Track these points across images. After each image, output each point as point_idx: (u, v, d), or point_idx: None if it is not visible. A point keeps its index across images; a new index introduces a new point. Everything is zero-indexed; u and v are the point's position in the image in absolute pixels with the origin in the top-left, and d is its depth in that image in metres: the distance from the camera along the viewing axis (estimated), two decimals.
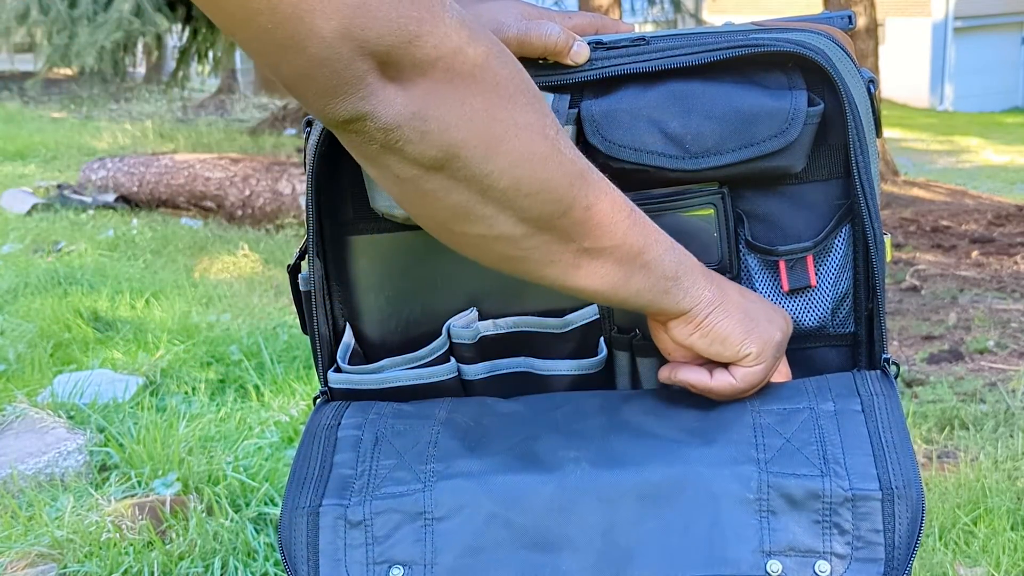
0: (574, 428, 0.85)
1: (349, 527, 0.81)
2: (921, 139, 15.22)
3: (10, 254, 5.44)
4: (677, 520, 0.78)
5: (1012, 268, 5.57)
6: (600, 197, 0.77)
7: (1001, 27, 21.75)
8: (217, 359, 3.64)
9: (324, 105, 0.67)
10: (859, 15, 8.23)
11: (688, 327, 0.83)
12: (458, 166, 0.70)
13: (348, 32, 0.64)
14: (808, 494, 0.78)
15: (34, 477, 2.61)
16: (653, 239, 0.80)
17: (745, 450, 0.81)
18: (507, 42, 0.88)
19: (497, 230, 0.75)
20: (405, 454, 0.84)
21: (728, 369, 0.84)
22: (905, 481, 0.78)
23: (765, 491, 0.78)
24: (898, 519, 0.77)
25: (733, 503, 0.78)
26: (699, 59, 0.87)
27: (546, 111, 0.75)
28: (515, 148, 0.71)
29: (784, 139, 0.87)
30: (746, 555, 0.77)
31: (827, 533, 0.78)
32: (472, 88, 0.69)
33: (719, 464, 0.80)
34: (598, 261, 0.79)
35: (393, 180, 0.72)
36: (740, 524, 0.78)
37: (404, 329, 0.97)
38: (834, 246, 0.91)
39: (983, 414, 3.19)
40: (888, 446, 0.80)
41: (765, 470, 0.79)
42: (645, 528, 0.79)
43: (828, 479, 0.78)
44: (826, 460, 0.79)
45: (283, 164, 7.06)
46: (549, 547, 0.79)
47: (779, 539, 0.78)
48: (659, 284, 0.81)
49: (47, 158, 9.30)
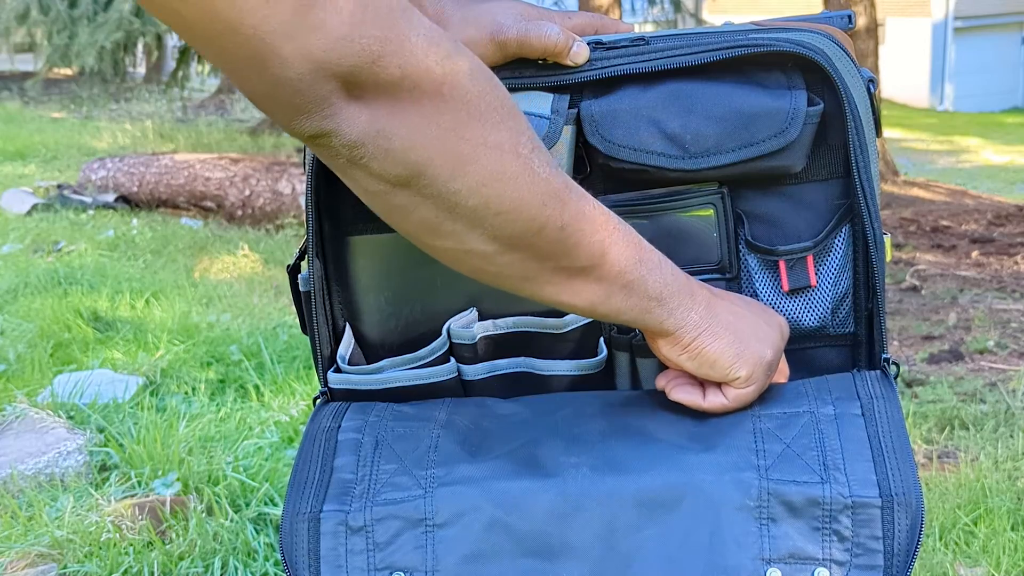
0: (574, 432, 0.85)
1: (350, 533, 0.81)
2: (921, 139, 15.22)
3: (10, 254, 5.44)
4: (677, 527, 0.78)
5: (1012, 268, 5.57)
6: (578, 217, 0.76)
7: (1001, 27, 21.75)
8: (217, 359, 3.64)
9: (290, 121, 0.68)
10: (859, 15, 8.23)
11: (676, 348, 0.83)
12: (424, 183, 0.70)
13: (309, 54, 0.64)
14: (808, 501, 0.78)
15: (34, 477, 2.61)
16: (637, 259, 0.79)
17: (745, 456, 0.80)
18: (507, 42, 0.88)
19: (468, 246, 0.75)
20: (405, 459, 0.84)
21: (721, 389, 0.84)
22: (905, 488, 0.78)
23: (765, 498, 0.78)
24: (897, 526, 0.77)
25: (733, 510, 0.78)
26: (698, 59, 0.87)
27: (522, 128, 0.74)
28: (484, 167, 0.71)
29: (784, 139, 0.87)
30: (746, 562, 0.77)
31: (827, 540, 0.77)
32: (439, 107, 0.69)
33: (719, 471, 0.80)
34: (576, 280, 0.78)
35: (363, 192, 0.73)
36: (740, 531, 0.78)
37: (404, 329, 0.97)
38: (834, 246, 0.91)
39: (983, 414, 3.19)
40: (888, 451, 0.80)
41: (765, 477, 0.79)
42: (645, 535, 0.78)
43: (828, 486, 0.78)
44: (826, 467, 0.79)
45: (283, 164, 7.06)
46: (549, 554, 0.79)
47: (779, 546, 0.78)
48: (641, 304, 0.80)
49: (47, 158, 9.30)
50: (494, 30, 0.88)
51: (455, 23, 0.90)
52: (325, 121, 0.67)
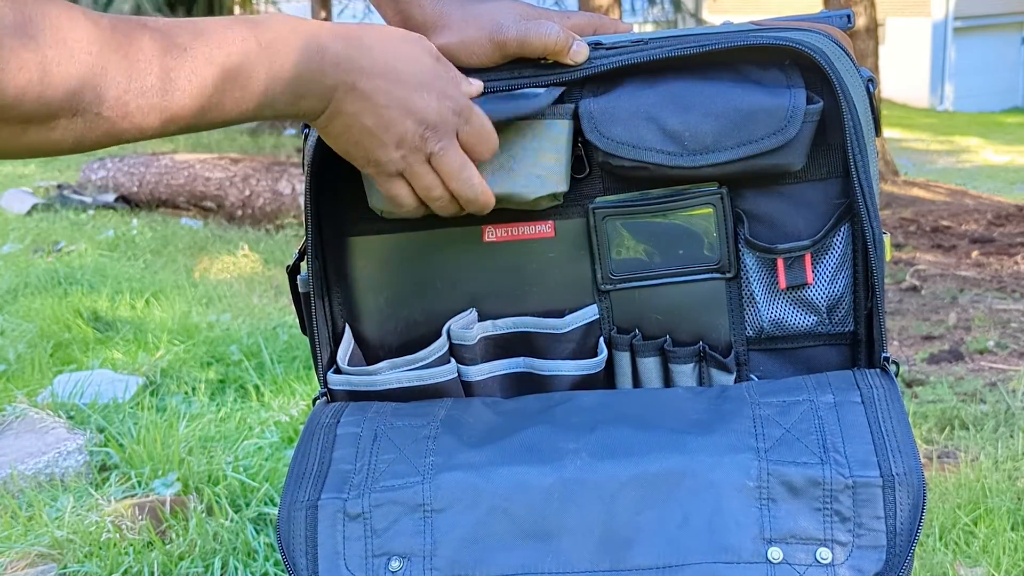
0: (573, 421, 0.85)
1: (348, 520, 0.81)
2: (921, 139, 15.22)
3: (10, 254, 5.45)
4: (677, 509, 0.79)
5: (1012, 268, 5.57)
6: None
7: (1001, 27, 21.75)
8: (217, 359, 3.64)
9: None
10: (859, 15, 8.23)
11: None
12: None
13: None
14: (808, 481, 0.78)
15: (34, 477, 2.61)
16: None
17: (745, 439, 0.81)
18: (507, 42, 0.88)
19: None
20: (404, 448, 0.84)
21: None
22: (906, 468, 0.78)
23: (765, 479, 0.79)
24: (899, 505, 0.77)
25: (733, 491, 0.79)
26: (697, 48, 0.87)
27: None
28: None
29: (783, 137, 0.87)
30: (747, 543, 0.77)
31: (828, 520, 0.78)
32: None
33: (718, 452, 0.80)
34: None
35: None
36: (740, 512, 0.78)
37: (403, 330, 0.97)
38: (833, 245, 0.91)
39: (983, 414, 3.19)
40: (888, 434, 0.80)
41: (765, 458, 0.79)
42: (645, 517, 0.79)
43: (828, 467, 0.78)
44: (825, 448, 0.80)
45: (283, 164, 7.07)
46: (548, 537, 0.79)
47: (780, 526, 0.78)
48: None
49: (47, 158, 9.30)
50: (494, 30, 0.88)
51: (455, 23, 0.90)
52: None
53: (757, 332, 0.94)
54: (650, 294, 0.94)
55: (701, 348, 0.94)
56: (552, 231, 0.94)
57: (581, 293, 0.95)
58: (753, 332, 0.94)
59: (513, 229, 0.94)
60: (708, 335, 0.94)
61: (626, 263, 0.93)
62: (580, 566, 0.78)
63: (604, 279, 0.94)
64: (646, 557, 0.78)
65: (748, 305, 0.94)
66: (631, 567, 0.78)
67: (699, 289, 0.93)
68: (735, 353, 0.94)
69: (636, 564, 0.78)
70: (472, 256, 0.95)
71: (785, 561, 0.77)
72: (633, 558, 0.78)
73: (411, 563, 0.80)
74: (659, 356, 0.94)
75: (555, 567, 0.79)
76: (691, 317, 0.94)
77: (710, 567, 0.77)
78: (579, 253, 0.94)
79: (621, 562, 0.78)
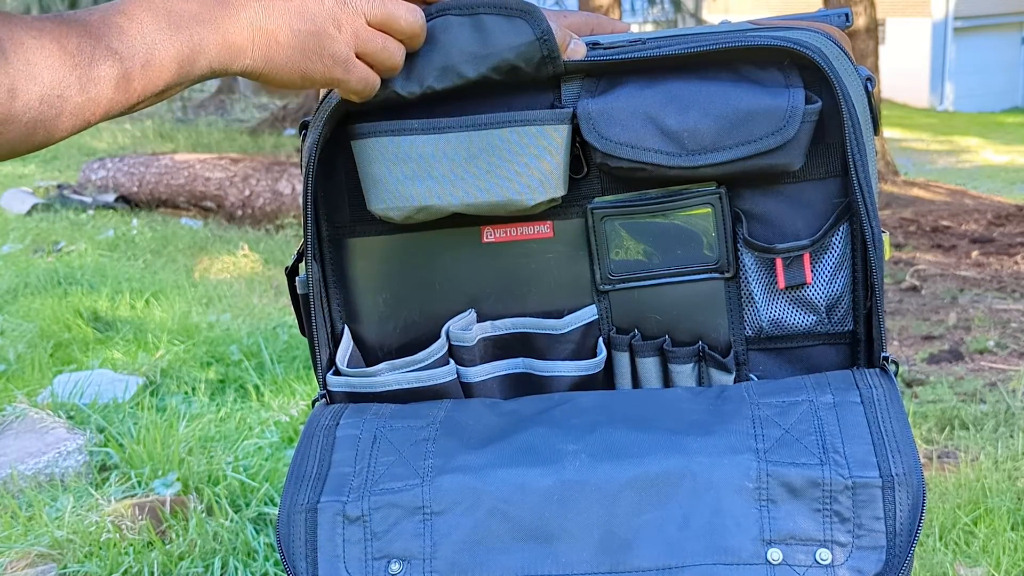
0: (572, 422, 0.85)
1: (347, 523, 0.81)
2: (921, 139, 15.22)
3: (10, 254, 5.45)
4: (677, 510, 0.79)
5: (1012, 268, 5.56)
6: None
7: (1001, 27, 21.74)
8: (217, 359, 3.64)
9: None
10: (859, 15, 8.22)
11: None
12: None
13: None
14: (808, 482, 0.78)
15: (34, 477, 2.61)
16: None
17: (744, 440, 0.81)
18: None
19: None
20: (403, 451, 0.84)
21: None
22: (906, 468, 0.78)
23: (764, 480, 0.79)
24: (899, 506, 0.77)
25: (733, 492, 0.79)
26: (695, 48, 0.87)
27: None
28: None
29: (781, 136, 0.87)
30: (746, 544, 0.77)
31: (828, 521, 0.78)
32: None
33: (718, 453, 0.80)
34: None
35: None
36: (740, 513, 0.78)
37: (403, 331, 0.97)
38: (832, 244, 0.91)
39: (983, 414, 3.19)
40: (887, 434, 0.80)
41: (764, 459, 0.79)
42: (645, 519, 0.79)
43: (827, 467, 0.78)
44: (825, 449, 0.79)
45: (283, 164, 7.07)
46: (548, 539, 0.79)
47: (779, 527, 0.78)
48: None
49: (47, 158, 9.30)
50: None
51: None
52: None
53: (756, 332, 0.94)
54: (649, 294, 0.94)
55: (700, 348, 0.94)
56: (551, 231, 0.94)
57: (580, 293, 0.95)
58: (752, 332, 0.94)
59: (512, 230, 0.94)
60: (707, 335, 0.94)
61: (625, 263, 0.93)
62: (580, 568, 0.78)
63: (603, 279, 0.94)
64: (646, 559, 0.78)
65: (747, 305, 0.94)
66: (631, 569, 0.78)
67: (698, 289, 0.93)
68: (734, 353, 0.94)
69: (636, 566, 0.78)
70: (471, 257, 0.95)
71: (785, 562, 0.77)
72: (633, 560, 0.78)
73: (411, 566, 0.80)
74: (658, 356, 0.94)
75: (555, 569, 0.78)
76: (690, 317, 0.94)
77: (710, 568, 0.77)
78: (578, 253, 0.94)
79: (621, 564, 0.78)
